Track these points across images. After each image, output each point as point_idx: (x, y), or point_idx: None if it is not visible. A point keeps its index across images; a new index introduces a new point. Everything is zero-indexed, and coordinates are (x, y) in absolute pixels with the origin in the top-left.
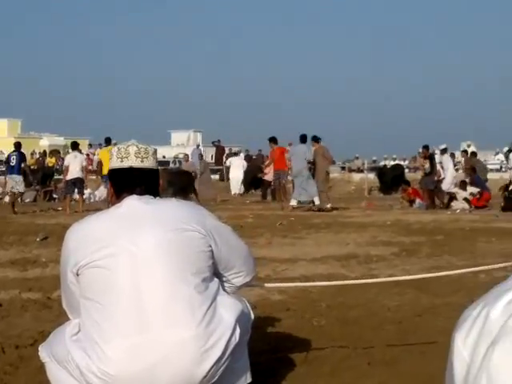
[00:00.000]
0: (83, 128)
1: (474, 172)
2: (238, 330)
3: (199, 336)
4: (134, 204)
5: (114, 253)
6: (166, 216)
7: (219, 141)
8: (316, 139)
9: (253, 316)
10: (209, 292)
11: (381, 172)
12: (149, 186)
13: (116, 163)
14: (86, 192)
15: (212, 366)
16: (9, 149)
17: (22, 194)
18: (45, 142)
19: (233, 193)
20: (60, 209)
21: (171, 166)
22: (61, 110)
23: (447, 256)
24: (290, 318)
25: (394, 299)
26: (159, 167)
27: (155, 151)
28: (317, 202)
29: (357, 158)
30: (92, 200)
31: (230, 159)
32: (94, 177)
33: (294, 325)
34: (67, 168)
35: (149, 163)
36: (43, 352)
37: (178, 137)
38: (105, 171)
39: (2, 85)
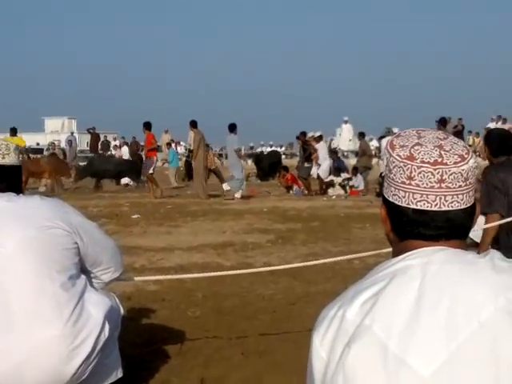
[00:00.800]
0: None
1: (336, 157)
2: (107, 326)
3: (66, 334)
4: None
5: None
6: (29, 214)
7: (94, 128)
8: (194, 124)
9: (122, 311)
10: (76, 289)
11: (258, 158)
12: (11, 183)
13: None
14: None
15: (81, 364)
16: None
17: None
18: None
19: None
20: None
21: (45, 153)
22: None
23: (322, 242)
24: (165, 308)
25: (269, 288)
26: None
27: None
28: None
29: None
30: None
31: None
32: None
33: (168, 316)
34: None
35: (10, 159)
36: None
37: (51, 124)
38: None
39: None
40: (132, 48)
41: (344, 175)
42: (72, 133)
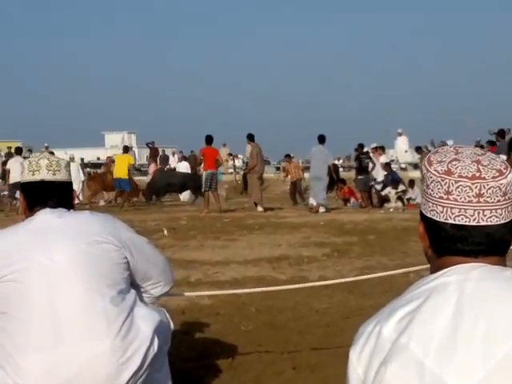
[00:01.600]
0: (16, 131)
1: (390, 170)
2: (156, 341)
3: (116, 348)
4: (46, 217)
5: (26, 267)
6: (79, 229)
7: (153, 142)
8: (252, 138)
9: (172, 326)
10: (125, 304)
11: None
12: (61, 199)
13: (28, 176)
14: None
15: (130, 378)
16: None
17: None
18: None
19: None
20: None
21: (102, 168)
22: None
23: (378, 256)
24: (218, 323)
25: (324, 301)
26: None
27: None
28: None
29: (292, 157)
30: None
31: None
32: None
33: (221, 330)
34: (9, 172)
35: (61, 176)
36: None
37: (111, 138)
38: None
39: None
40: (190, 64)
41: (401, 187)
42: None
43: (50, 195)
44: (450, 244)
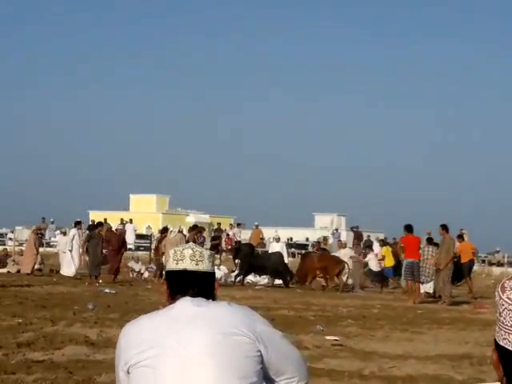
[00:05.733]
0: (228, 207)
1: None
2: None
3: None
4: (185, 306)
5: (161, 353)
6: (215, 319)
7: (357, 226)
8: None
9: None
10: None
11: None
12: (202, 289)
13: (172, 265)
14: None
15: None
16: (157, 224)
17: None
18: (191, 219)
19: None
20: None
21: (309, 248)
22: (207, 188)
23: None
24: None
25: None
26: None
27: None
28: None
29: (497, 251)
30: None
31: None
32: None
33: None
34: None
35: (203, 266)
36: None
37: (321, 219)
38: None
39: (151, 161)
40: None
41: None
42: (336, 229)
43: (191, 284)
44: None
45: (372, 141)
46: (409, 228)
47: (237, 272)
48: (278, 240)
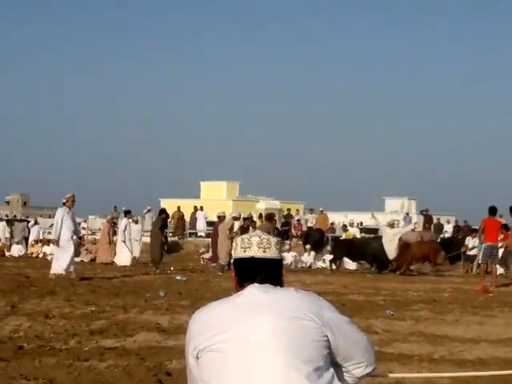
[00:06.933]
0: (298, 193)
1: None
2: None
3: None
4: (253, 292)
5: (229, 338)
6: (282, 305)
7: (427, 210)
8: None
9: None
10: (321, 381)
11: None
12: (270, 275)
13: (240, 253)
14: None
15: None
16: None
17: None
18: (261, 206)
19: None
20: None
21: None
22: (278, 174)
23: None
24: None
25: None
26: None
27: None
28: None
29: None
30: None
31: None
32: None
33: None
34: None
35: (271, 253)
36: None
37: (392, 204)
38: None
39: (221, 148)
40: None
41: None
42: (407, 213)
43: (258, 271)
44: None
45: (443, 123)
46: (491, 210)
47: (332, 257)
48: (351, 225)
